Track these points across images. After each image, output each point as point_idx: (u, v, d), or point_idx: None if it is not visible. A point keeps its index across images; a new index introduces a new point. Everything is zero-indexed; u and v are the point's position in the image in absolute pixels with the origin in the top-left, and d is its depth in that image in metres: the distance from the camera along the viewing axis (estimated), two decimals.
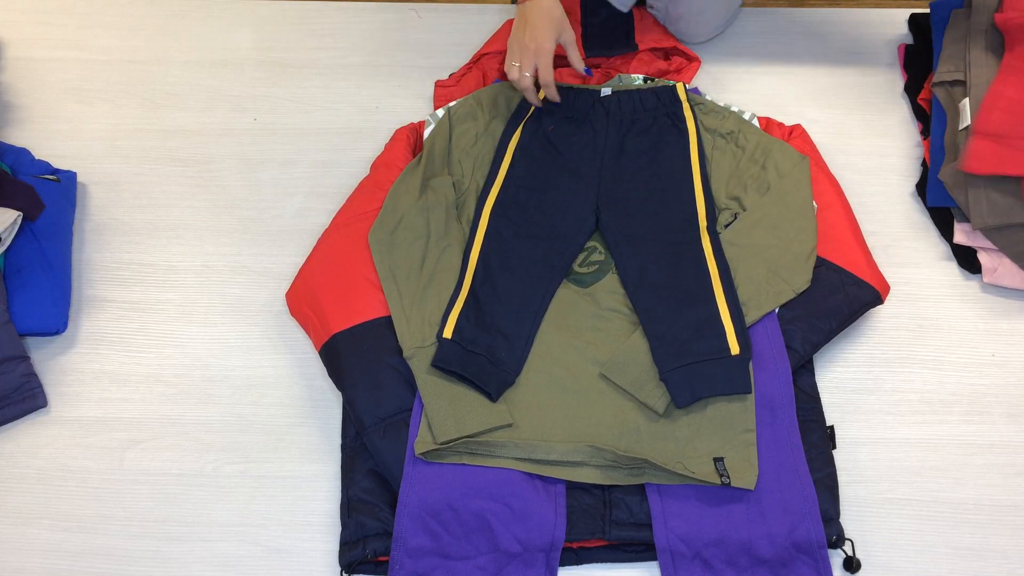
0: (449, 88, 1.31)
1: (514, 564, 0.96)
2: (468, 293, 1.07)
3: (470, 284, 1.08)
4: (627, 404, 1.03)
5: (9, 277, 1.12)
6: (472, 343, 1.03)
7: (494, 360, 1.03)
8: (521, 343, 1.05)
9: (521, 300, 1.08)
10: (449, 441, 0.98)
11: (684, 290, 1.07)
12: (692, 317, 1.05)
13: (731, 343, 1.02)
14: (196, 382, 1.11)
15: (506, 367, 1.04)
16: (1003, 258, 1.15)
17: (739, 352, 1.02)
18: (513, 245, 1.12)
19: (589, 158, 1.18)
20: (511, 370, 1.04)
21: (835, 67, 1.35)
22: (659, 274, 1.09)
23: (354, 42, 1.39)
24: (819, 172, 1.18)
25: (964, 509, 1.02)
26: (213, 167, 1.28)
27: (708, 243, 1.10)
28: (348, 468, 1.03)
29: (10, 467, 1.06)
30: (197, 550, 1.01)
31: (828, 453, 1.02)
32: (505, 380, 1.03)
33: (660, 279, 1.08)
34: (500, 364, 1.03)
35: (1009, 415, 1.08)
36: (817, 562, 0.96)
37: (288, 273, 1.18)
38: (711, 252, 1.09)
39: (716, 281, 1.07)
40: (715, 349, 1.02)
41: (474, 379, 1.01)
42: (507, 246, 1.11)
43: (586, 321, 1.08)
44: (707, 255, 1.09)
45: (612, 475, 0.99)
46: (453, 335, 1.04)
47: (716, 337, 1.03)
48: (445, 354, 1.02)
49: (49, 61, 1.37)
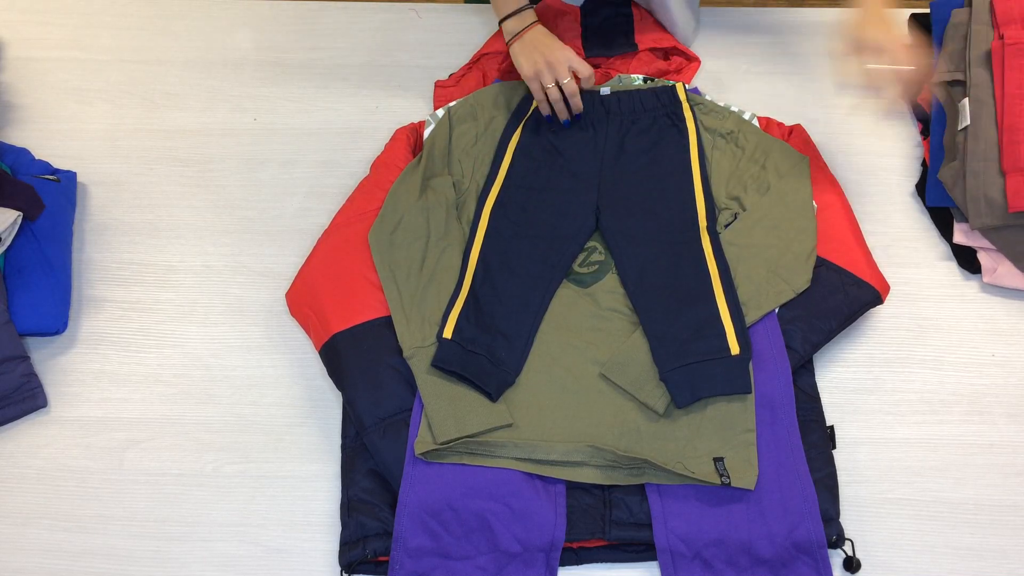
0: (449, 88, 1.31)
1: (514, 564, 0.96)
2: (468, 293, 1.07)
3: (470, 284, 1.08)
4: (627, 404, 1.03)
5: (9, 277, 1.12)
6: (472, 343, 1.03)
7: (494, 360, 1.03)
8: (521, 343, 1.05)
9: (521, 300, 1.08)
10: (449, 441, 0.98)
11: (684, 290, 1.07)
12: (692, 317, 1.05)
13: (731, 343, 1.03)
14: (196, 382, 1.11)
15: (506, 367, 1.04)
16: (1003, 258, 1.15)
17: (739, 352, 1.02)
18: (513, 245, 1.12)
19: (589, 158, 1.18)
20: (511, 370, 1.04)
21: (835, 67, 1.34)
22: (659, 274, 1.09)
23: (354, 42, 1.39)
24: (819, 172, 1.18)
25: (964, 509, 1.02)
26: (213, 167, 1.28)
27: (708, 243, 1.10)
28: (348, 468, 1.03)
29: (10, 467, 1.06)
30: (197, 550, 1.01)
31: (828, 453, 1.02)
32: (505, 380, 1.03)
33: (660, 279, 1.08)
34: (500, 364, 1.03)
35: (1009, 415, 1.08)
36: (817, 562, 0.96)
37: (288, 273, 1.18)
38: (711, 252, 1.09)
39: (716, 281, 1.07)
40: (715, 349, 1.02)
41: (474, 379, 1.01)
42: (507, 246, 1.12)
43: (586, 321, 1.08)
44: (707, 255, 1.09)
45: (612, 475, 0.99)
46: (453, 335, 1.04)
47: (716, 337, 1.03)
48: (445, 354, 1.02)
49: (49, 61, 1.37)
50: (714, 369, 1.01)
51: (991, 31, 1.19)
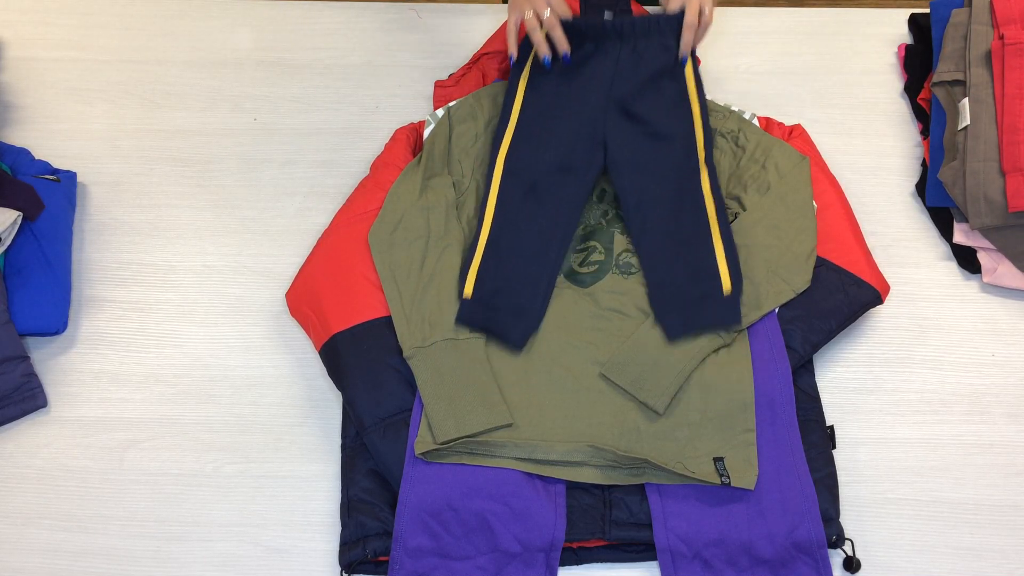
0: (449, 88, 1.31)
1: (514, 564, 0.96)
2: (486, 247, 1.10)
3: (487, 237, 1.10)
4: (627, 404, 1.03)
5: (9, 277, 1.12)
6: (494, 295, 1.06)
7: (516, 311, 1.06)
8: (543, 288, 1.08)
9: (540, 245, 1.10)
10: (449, 441, 0.98)
11: (683, 233, 1.10)
12: (690, 262, 1.08)
13: (724, 282, 1.06)
14: (196, 382, 1.11)
15: (529, 314, 1.06)
16: (1003, 258, 1.15)
17: (731, 290, 1.05)
18: (528, 190, 1.13)
19: (595, 88, 1.18)
20: (534, 316, 1.06)
21: (835, 67, 1.35)
22: (660, 215, 1.11)
23: (354, 42, 1.39)
24: (819, 172, 1.18)
25: (964, 509, 1.02)
26: (213, 167, 1.28)
27: (706, 177, 1.13)
28: (348, 468, 1.03)
29: (10, 467, 1.06)
30: (197, 550, 1.01)
31: (828, 453, 1.03)
32: (529, 327, 1.06)
33: (661, 222, 1.11)
34: (523, 313, 1.06)
35: (1009, 415, 1.08)
36: (817, 562, 0.96)
37: (288, 273, 1.18)
38: (708, 188, 1.12)
39: (713, 220, 1.10)
40: (709, 290, 1.06)
41: (499, 332, 1.04)
42: (522, 192, 1.13)
43: (586, 321, 1.08)
44: (705, 192, 1.12)
45: (612, 475, 0.99)
46: (474, 292, 1.06)
47: (711, 279, 1.06)
48: (467, 313, 1.05)
49: (49, 61, 1.37)
50: (707, 308, 1.05)
51: (991, 31, 1.19)
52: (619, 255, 1.13)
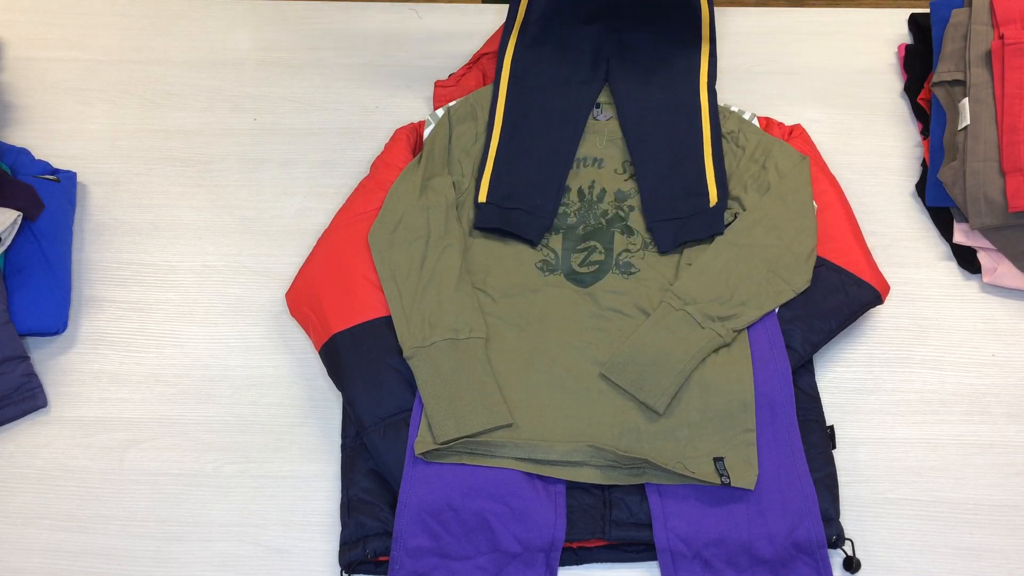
0: (449, 88, 1.31)
1: (514, 564, 0.96)
2: (497, 152, 1.16)
3: (498, 142, 1.17)
4: (627, 404, 1.03)
5: (9, 277, 1.12)
6: (508, 199, 1.13)
7: (531, 209, 1.13)
8: (555, 187, 1.15)
9: (549, 146, 1.17)
10: (449, 441, 0.98)
11: (677, 150, 1.17)
12: (682, 177, 1.15)
13: (711, 194, 1.14)
14: (196, 382, 1.11)
15: (543, 212, 1.13)
16: (1003, 258, 1.15)
17: (717, 201, 1.13)
18: (535, 95, 1.20)
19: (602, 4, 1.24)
20: (548, 215, 1.13)
21: (835, 67, 1.35)
22: (657, 129, 1.18)
23: (354, 42, 1.39)
24: (819, 172, 1.18)
25: (964, 509, 1.02)
26: (213, 167, 1.28)
27: (705, 100, 1.20)
28: (348, 468, 1.03)
29: (10, 467, 1.06)
30: (197, 550, 1.01)
31: (828, 453, 1.03)
32: (544, 225, 1.13)
33: (658, 137, 1.18)
34: (537, 211, 1.13)
35: (1009, 415, 1.08)
36: (817, 562, 0.96)
37: (288, 273, 1.18)
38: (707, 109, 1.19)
39: (707, 139, 1.17)
40: (699, 204, 1.13)
41: (515, 231, 1.11)
42: (529, 97, 1.20)
43: (586, 321, 1.08)
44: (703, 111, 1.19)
45: (612, 475, 0.99)
46: (488, 197, 1.13)
47: (700, 195, 1.13)
48: (483, 216, 1.12)
49: (49, 61, 1.37)
50: (695, 221, 1.12)
51: (991, 31, 1.19)
52: (619, 255, 1.13)
